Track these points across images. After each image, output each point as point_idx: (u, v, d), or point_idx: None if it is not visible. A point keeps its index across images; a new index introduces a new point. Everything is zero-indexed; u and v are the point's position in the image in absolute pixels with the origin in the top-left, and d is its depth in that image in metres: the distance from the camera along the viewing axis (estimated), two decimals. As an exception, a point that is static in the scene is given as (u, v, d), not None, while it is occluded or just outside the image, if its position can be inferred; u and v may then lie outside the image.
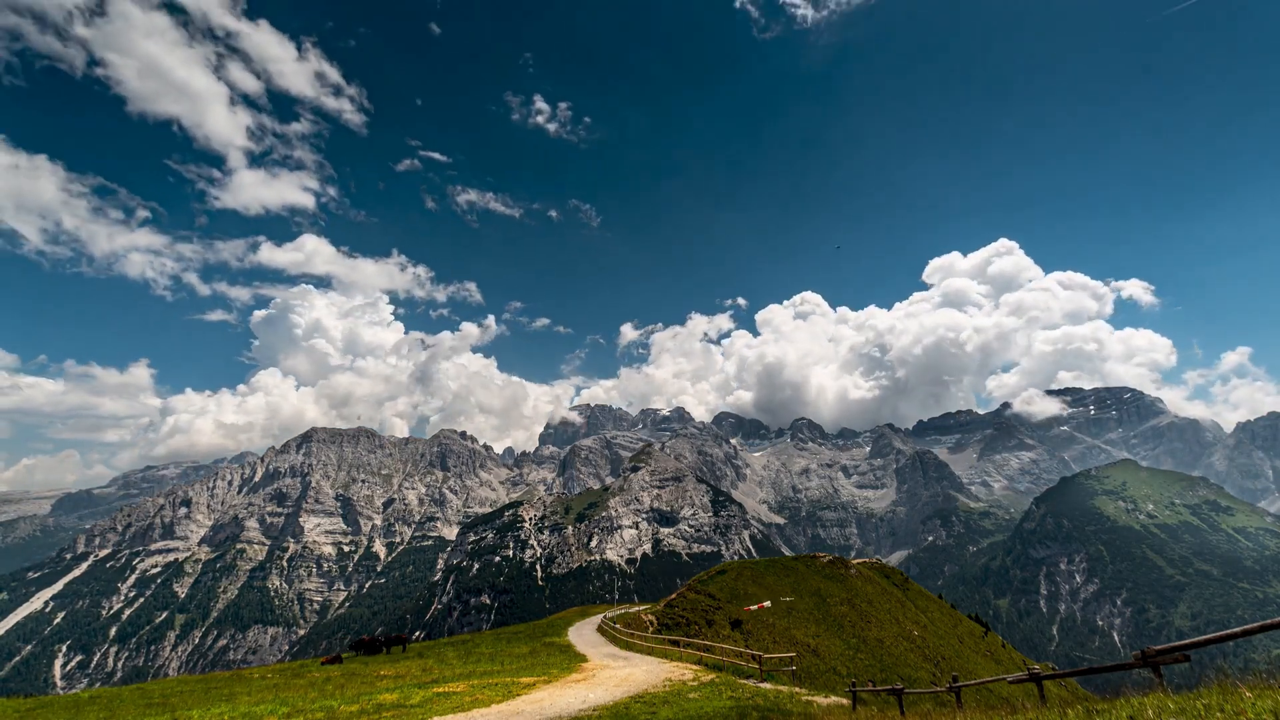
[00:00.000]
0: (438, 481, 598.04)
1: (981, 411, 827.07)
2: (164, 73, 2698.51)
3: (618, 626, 50.67)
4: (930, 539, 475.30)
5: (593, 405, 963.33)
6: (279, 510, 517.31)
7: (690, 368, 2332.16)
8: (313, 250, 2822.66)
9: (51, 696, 31.98)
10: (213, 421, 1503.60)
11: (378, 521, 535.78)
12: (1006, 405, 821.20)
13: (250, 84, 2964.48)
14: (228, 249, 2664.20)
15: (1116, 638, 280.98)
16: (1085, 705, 9.94)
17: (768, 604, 48.27)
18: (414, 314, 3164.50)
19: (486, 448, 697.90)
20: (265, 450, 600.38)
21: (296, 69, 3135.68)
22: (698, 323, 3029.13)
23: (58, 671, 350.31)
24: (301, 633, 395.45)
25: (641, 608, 70.27)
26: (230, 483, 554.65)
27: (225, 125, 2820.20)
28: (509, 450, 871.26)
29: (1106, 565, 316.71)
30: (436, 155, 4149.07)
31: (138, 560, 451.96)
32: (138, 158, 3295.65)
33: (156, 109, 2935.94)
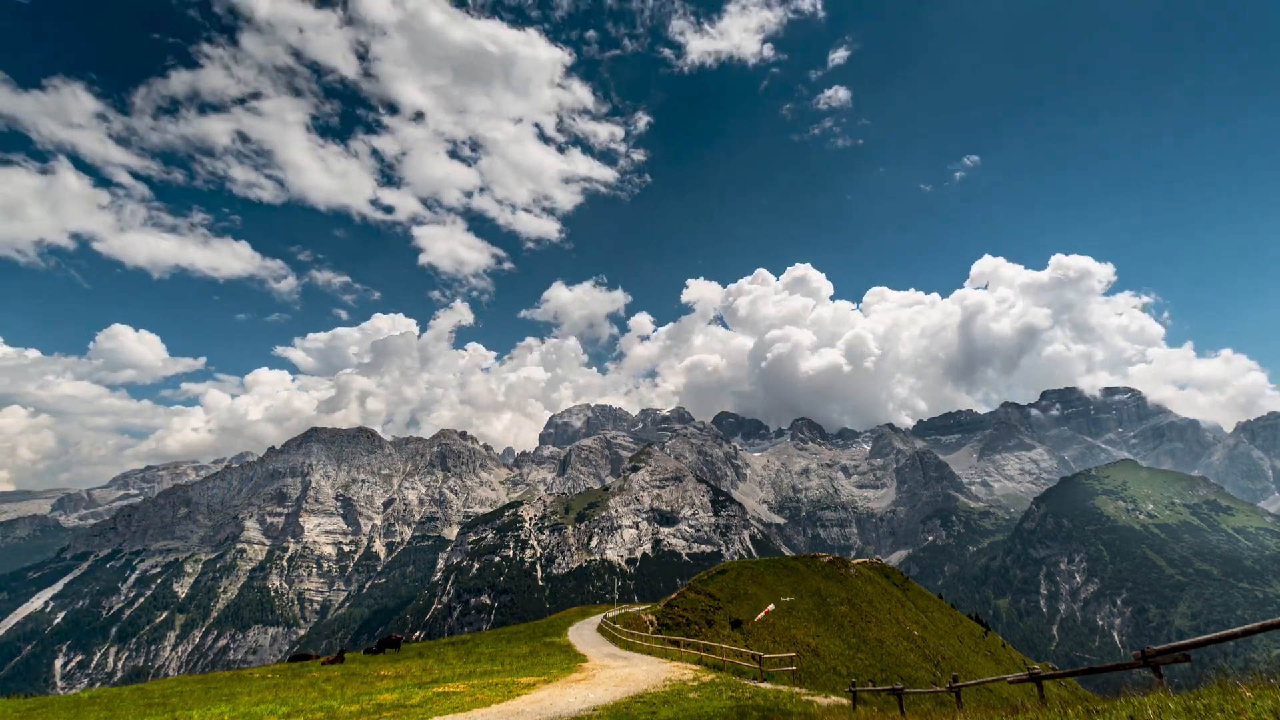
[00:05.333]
0: (438, 481, 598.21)
1: (982, 411, 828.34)
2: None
3: (618, 626, 50.67)
4: (930, 539, 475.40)
5: (592, 405, 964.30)
6: (279, 510, 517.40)
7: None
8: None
9: (51, 696, 31.98)
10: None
11: (378, 521, 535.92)
12: (1007, 405, 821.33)
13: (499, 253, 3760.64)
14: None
15: (1116, 638, 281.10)
16: (1085, 705, 9.93)
17: (772, 608, 48.15)
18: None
19: (486, 448, 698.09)
20: (265, 450, 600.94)
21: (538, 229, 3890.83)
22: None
23: (58, 671, 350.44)
24: (301, 633, 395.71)
25: (641, 608, 70.26)
26: (230, 483, 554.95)
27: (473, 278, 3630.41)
28: (509, 450, 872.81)
29: (1106, 565, 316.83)
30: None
31: (138, 560, 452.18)
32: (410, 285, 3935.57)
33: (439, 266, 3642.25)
